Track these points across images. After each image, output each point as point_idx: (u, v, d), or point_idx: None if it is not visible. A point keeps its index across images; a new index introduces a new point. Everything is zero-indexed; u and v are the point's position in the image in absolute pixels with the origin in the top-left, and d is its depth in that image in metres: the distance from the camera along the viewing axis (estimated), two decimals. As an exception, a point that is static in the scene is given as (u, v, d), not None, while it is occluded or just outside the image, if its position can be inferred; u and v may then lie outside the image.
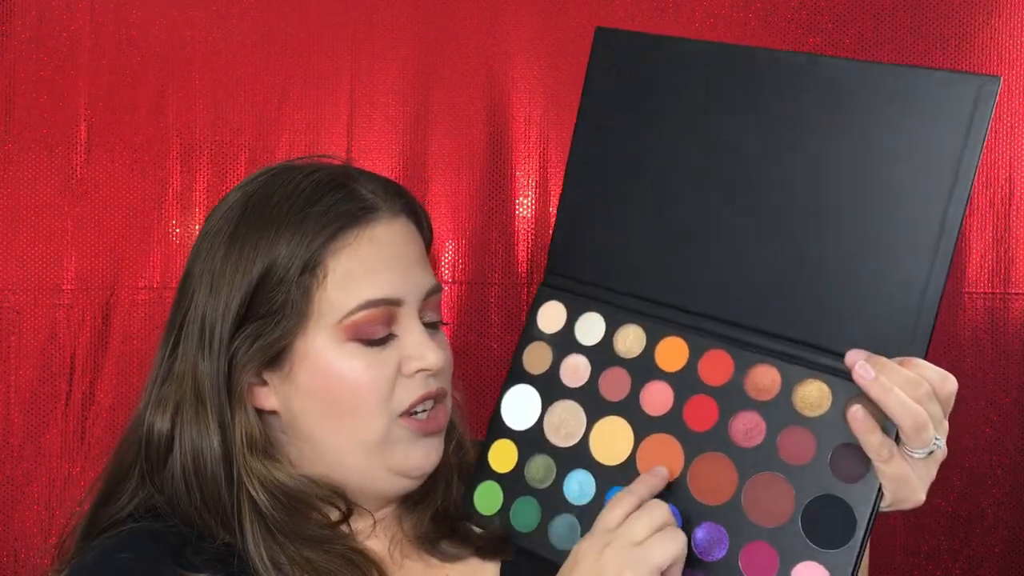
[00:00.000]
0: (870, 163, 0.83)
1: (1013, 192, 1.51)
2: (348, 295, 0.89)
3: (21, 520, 1.38)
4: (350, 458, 0.91)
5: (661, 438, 0.90)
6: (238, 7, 1.42)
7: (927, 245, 0.81)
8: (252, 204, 0.92)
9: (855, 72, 0.84)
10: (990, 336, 1.51)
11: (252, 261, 0.90)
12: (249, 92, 1.43)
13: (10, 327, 1.38)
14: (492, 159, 1.48)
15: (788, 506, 0.84)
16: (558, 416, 0.95)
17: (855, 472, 0.83)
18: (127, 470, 0.93)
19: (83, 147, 1.40)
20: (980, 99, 0.79)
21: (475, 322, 1.49)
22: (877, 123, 0.82)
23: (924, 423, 0.80)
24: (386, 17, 1.45)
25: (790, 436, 0.86)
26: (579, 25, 1.47)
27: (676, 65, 0.92)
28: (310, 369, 0.90)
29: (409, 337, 0.91)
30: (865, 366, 0.80)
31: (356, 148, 1.45)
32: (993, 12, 1.49)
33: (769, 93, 0.87)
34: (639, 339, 0.94)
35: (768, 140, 0.87)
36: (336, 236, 0.90)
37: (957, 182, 0.80)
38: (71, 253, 1.40)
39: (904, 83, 0.82)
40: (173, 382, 0.92)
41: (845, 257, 0.84)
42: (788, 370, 0.87)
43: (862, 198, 0.83)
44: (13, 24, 1.38)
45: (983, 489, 1.52)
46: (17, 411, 1.38)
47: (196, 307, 0.91)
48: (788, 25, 1.49)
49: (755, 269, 0.88)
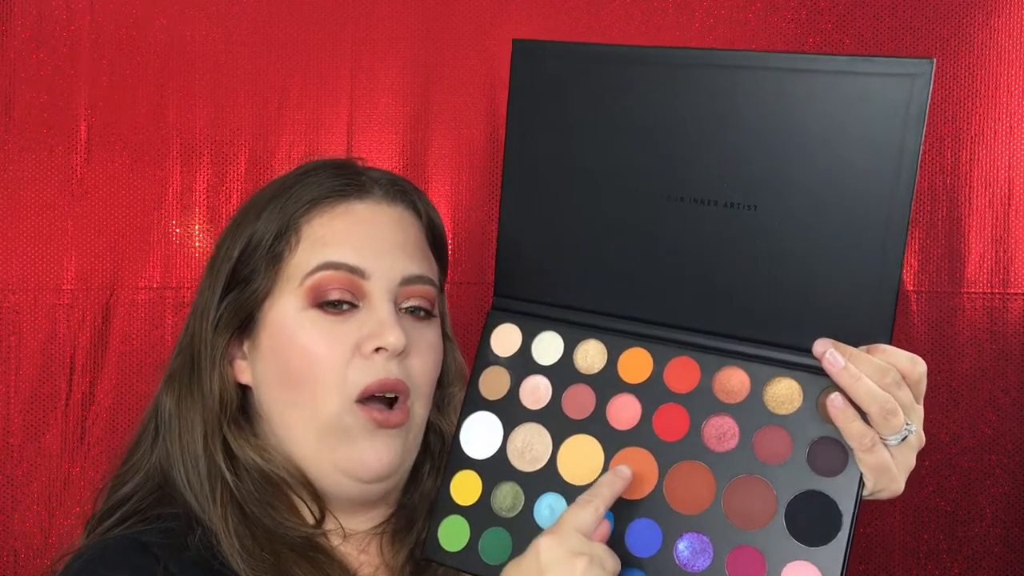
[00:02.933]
0: (814, 158, 0.82)
1: (1012, 192, 1.51)
2: (312, 257, 0.90)
3: (21, 520, 1.38)
4: (302, 442, 0.90)
5: (632, 452, 0.88)
6: (238, 7, 1.42)
7: (878, 233, 0.81)
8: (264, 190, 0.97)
9: (787, 65, 0.83)
10: (989, 336, 1.51)
11: (240, 235, 0.93)
12: (249, 92, 1.43)
13: (10, 327, 1.38)
14: (492, 159, 1.48)
15: (770, 507, 0.83)
16: (521, 440, 0.92)
17: (834, 465, 0.82)
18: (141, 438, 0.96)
19: (83, 147, 1.40)
20: (916, 83, 0.78)
21: (475, 322, 1.49)
22: (815, 115, 0.82)
23: (893, 409, 0.79)
24: (386, 17, 1.45)
25: (765, 436, 0.85)
26: (579, 25, 1.47)
27: (598, 71, 0.89)
28: (272, 335, 0.90)
29: (372, 314, 0.89)
30: (834, 354, 0.80)
31: (356, 148, 1.45)
32: (993, 12, 1.49)
33: (702, 93, 0.85)
34: (600, 353, 0.92)
35: (704, 138, 0.85)
36: (315, 205, 0.91)
37: (902, 167, 0.79)
38: (71, 253, 1.40)
39: (839, 72, 0.81)
40: (182, 354, 0.95)
41: (798, 252, 0.84)
42: (756, 370, 0.87)
43: (811, 193, 0.83)
44: (13, 24, 1.38)
45: (983, 489, 1.52)
46: (17, 411, 1.38)
47: (201, 290, 0.95)
48: (788, 25, 1.49)
49: (708, 272, 0.87)
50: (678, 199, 0.87)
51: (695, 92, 0.85)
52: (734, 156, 0.84)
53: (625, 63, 0.88)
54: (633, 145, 0.88)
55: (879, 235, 0.81)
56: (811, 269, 0.83)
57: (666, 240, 0.88)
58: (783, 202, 0.83)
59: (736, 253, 0.86)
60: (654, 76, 0.87)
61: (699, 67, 0.85)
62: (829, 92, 0.81)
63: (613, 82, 0.88)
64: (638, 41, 1.48)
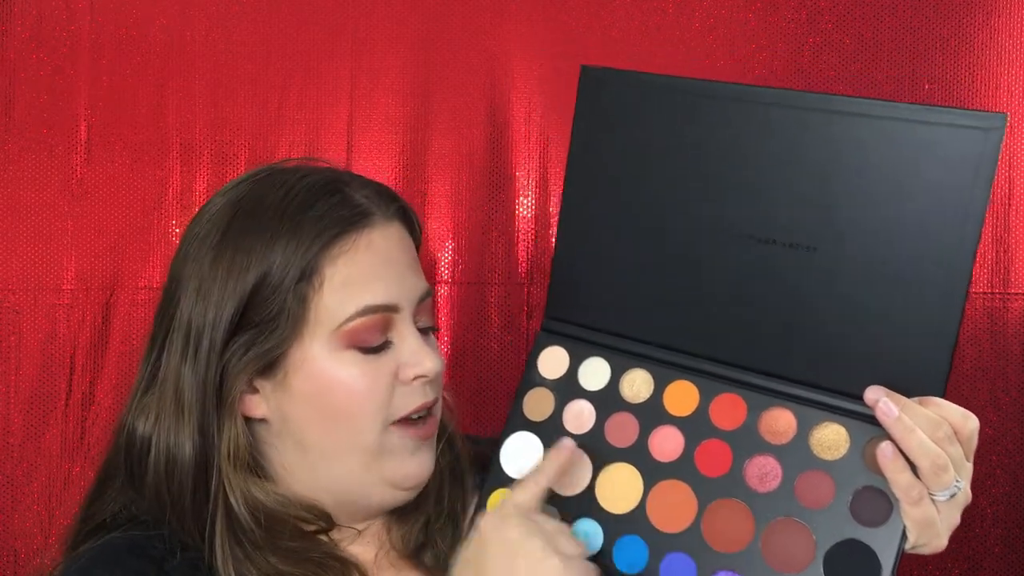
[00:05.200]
0: (878, 204, 0.81)
1: (1012, 192, 1.51)
2: (345, 302, 0.88)
3: (21, 520, 1.38)
4: (344, 465, 0.90)
5: (672, 484, 0.87)
6: (238, 7, 1.42)
7: (940, 285, 0.79)
8: (242, 209, 0.90)
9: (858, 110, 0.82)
10: (989, 336, 1.51)
11: (246, 269, 0.87)
12: (249, 92, 1.43)
13: (10, 327, 1.38)
14: (492, 159, 1.48)
15: (809, 552, 0.82)
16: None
17: (878, 516, 0.81)
18: (110, 476, 0.93)
19: (83, 147, 1.40)
20: (988, 139, 0.77)
21: (475, 322, 1.49)
22: (884, 162, 0.81)
23: (944, 464, 0.78)
24: (386, 17, 1.45)
25: (808, 480, 0.83)
26: (579, 25, 1.47)
27: (664, 102, 0.89)
28: (306, 377, 0.88)
29: (405, 343, 0.90)
30: (888, 403, 0.79)
31: (356, 148, 1.45)
32: (993, 12, 1.49)
33: (770, 132, 0.84)
34: (647, 383, 0.91)
35: (768, 177, 0.85)
36: (333, 242, 0.88)
37: (968, 221, 0.78)
38: (71, 253, 1.40)
39: (911, 121, 0.80)
40: (156, 390, 0.90)
41: (855, 298, 0.82)
42: (803, 413, 0.85)
43: (872, 239, 0.81)
44: (13, 24, 1.38)
45: (983, 489, 1.52)
46: (17, 411, 1.38)
47: (182, 314, 0.89)
48: (788, 25, 1.49)
49: (761, 311, 0.86)
50: (739, 236, 0.86)
51: (763, 130, 0.84)
52: (798, 197, 0.84)
53: (692, 96, 0.87)
54: (695, 179, 0.88)
55: (939, 287, 0.80)
56: (868, 316, 0.82)
57: (722, 276, 0.87)
58: (844, 247, 0.82)
59: (792, 294, 0.85)
60: (721, 111, 0.86)
61: (769, 106, 0.84)
62: (899, 140, 0.80)
63: (679, 114, 0.88)
64: (638, 40, 1.48)
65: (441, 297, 1.48)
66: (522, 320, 1.48)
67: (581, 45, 1.48)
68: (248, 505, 0.88)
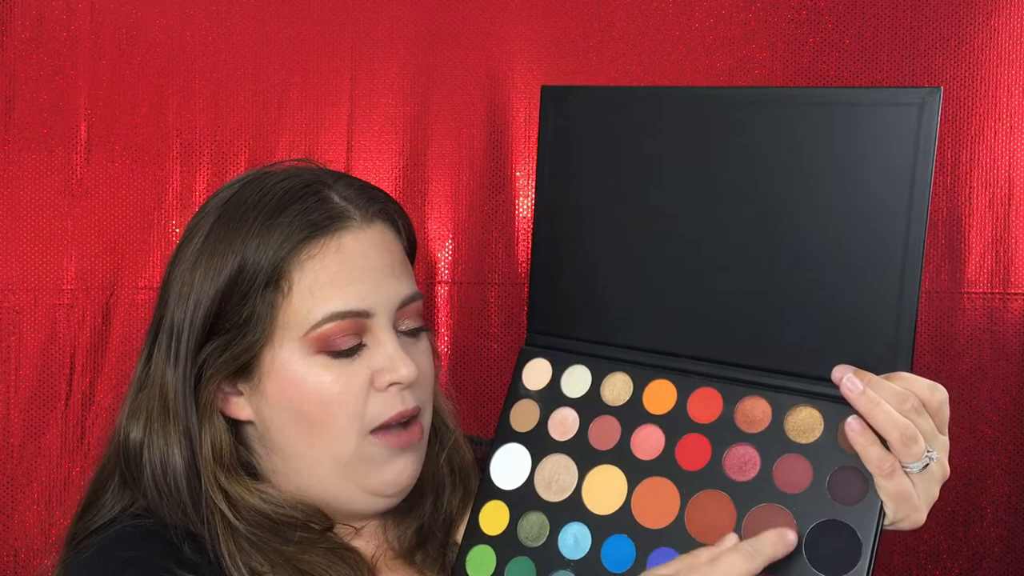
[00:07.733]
0: (830, 187, 0.84)
1: (1013, 192, 1.51)
2: (313, 308, 0.87)
3: (21, 520, 1.38)
4: (323, 474, 0.89)
5: (655, 481, 0.89)
6: (238, 7, 1.42)
7: (894, 263, 0.82)
8: (225, 212, 0.90)
9: (797, 99, 0.86)
10: (989, 336, 1.51)
11: (219, 271, 0.88)
12: (249, 92, 1.43)
13: (10, 327, 1.38)
14: (492, 159, 1.48)
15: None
16: (549, 471, 0.93)
17: (855, 494, 0.82)
18: (107, 478, 0.93)
19: (83, 147, 1.40)
20: (924, 112, 0.80)
21: (475, 322, 1.49)
22: (832, 147, 0.84)
23: (913, 435, 0.79)
24: (386, 17, 1.45)
25: (785, 464, 0.85)
26: (579, 25, 1.47)
27: (622, 113, 0.93)
28: (278, 381, 0.88)
29: (380, 349, 0.89)
30: (853, 379, 0.80)
31: (356, 148, 1.45)
32: (993, 12, 1.49)
33: (722, 128, 0.88)
34: (626, 386, 0.93)
35: (724, 177, 0.88)
36: (301, 246, 0.87)
37: (914, 196, 0.81)
38: (71, 253, 1.40)
39: (847, 105, 0.83)
40: (146, 391, 0.91)
41: (817, 282, 0.85)
42: (777, 399, 0.87)
43: (826, 223, 0.84)
44: (13, 24, 1.38)
45: (982, 489, 1.52)
46: (17, 411, 1.38)
47: (167, 315, 0.90)
48: (788, 25, 1.49)
49: (730, 305, 0.88)
50: (703, 233, 0.89)
51: (715, 128, 0.88)
52: (752, 189, 0.87)
53: (647, 103, 0.92)
54: (656, 183, 0.91)
55: (896, 263, 0.82)
56: (831, 299, 0.84)
57: (689, 274, 0.90)
58: (802, 234, 0.85)
59: (757, 285, 0.87)
60: (676, 115, 0.90)
61: (718, 103, 0.88)
62: (840, 123, 0.83)
63: (636, 123, 0.92)
64: (638, 40, 1.48)
65: (441, 297, 1.48)
66: (522, 320, 1.48)
67: (581, 45, 1.48)
68: (239, 506, 0.88)
